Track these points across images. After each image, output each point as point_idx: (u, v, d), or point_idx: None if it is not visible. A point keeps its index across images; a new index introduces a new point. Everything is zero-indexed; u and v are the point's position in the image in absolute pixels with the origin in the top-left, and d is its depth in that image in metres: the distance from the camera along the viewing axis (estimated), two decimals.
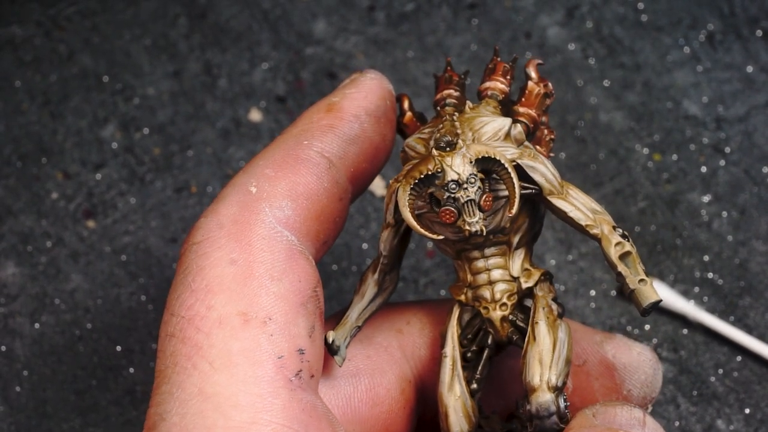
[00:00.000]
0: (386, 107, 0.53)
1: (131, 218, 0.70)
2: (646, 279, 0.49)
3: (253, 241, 0.48)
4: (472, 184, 0.48)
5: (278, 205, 0.49)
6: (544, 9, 0.75)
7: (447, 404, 0.50)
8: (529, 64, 0.52)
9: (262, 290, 0.47)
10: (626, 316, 0.67)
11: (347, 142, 0.51)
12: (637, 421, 0.48)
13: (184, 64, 0.74)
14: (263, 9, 0.76)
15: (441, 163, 0.48)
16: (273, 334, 0.47)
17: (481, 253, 0.51)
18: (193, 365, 0.46)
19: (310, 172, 0.50)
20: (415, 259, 0.68)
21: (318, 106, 0.52)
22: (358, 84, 0.53)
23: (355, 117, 0.52)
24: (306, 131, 0.51)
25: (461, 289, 0.51)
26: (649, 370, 0.53)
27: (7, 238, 0.69)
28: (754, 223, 0.69)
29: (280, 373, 0.46)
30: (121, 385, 0.66)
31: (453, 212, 0.48)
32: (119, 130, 0.72)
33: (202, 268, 0.48)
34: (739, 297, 0.67)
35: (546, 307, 0.50)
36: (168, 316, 0.48)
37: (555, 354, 0.49)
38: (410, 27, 0.75)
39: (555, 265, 0.68)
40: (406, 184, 0.49)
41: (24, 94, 0.73)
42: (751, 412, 0.64)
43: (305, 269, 0.49)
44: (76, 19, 0.75)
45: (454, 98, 0.52)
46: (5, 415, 0.65)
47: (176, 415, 0.45)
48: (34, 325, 0.67)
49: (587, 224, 0.50)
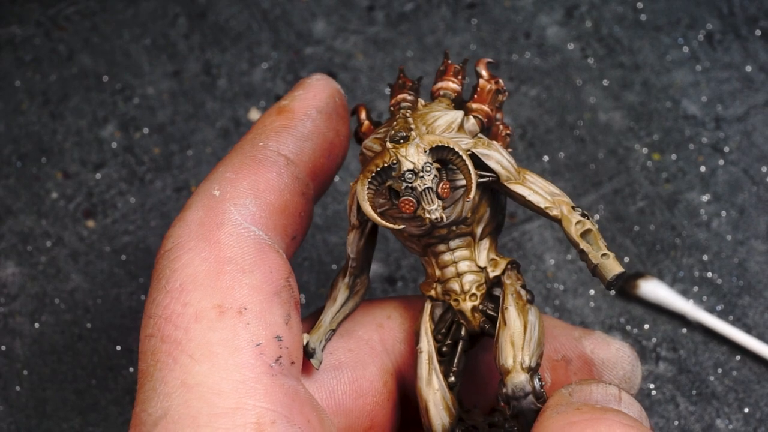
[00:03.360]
0: (336, 104, 0.54)
1: (131, 218, 0.70)
2: (609, 253, 0.50)
3: (222, 239, 0.49)
4: (428, 173, 0.49)
5: (242, 203, 0.50)
6: (544, 9, 0.75)
7: (426, 399, 0.51)
8: (479, 63, 0.53)
9: (235, 283, 0.48)
10: (625, 315, 0.67)
11: (301, 140, 0.52)
12: (613, 397, 0.49)
13: (183, 64, 0.74)
14: (263, 9, 0.76)
15: (396, 154, 0.49)
16: (249, 323, 0.48)
17: (447, 246, 0.51)
18: (174, 360, 0.47)
19: (269, 170, 0.51)
20: (414, 258, 0.69)
21: (269, 111, 0.53)
22: (306, 86, 0.54)
23: (306, 115, 0.53)
24: (260, 134, 0.52)
25: (431, 285, 0.52)
26: (628, 365, 0.54)
27: (7, 238, 0.69)
28: (753, 222, 0.69)
29: (260, 359, 0.47)
30: (120, 385, 0.66)
31: (412, 202, 0.49)
32: (119, 130, 0.72)
33: (174, 270, 0.49)
34: (738, 296, 0.67)
35: (515, 294, 0.51)
36: (146, 319, 0.49)
37: (526, 336, 0.50)
38: (409, 27, 0.75)
39: (554, 264, 0.68)
40: (364, 178, 0.49)
41: (24, 93, 0.73)
42: (750, 412, 0.64)
43: (276, 261, 0.50)
44: (76, 19, 0.75)
45: (408, 101, 0.53)
46: (5, 415, 0.65)
47: (161, 409, 0.46)
48: (34, 324, 0.67)
49: (546, 206, 0.51)
